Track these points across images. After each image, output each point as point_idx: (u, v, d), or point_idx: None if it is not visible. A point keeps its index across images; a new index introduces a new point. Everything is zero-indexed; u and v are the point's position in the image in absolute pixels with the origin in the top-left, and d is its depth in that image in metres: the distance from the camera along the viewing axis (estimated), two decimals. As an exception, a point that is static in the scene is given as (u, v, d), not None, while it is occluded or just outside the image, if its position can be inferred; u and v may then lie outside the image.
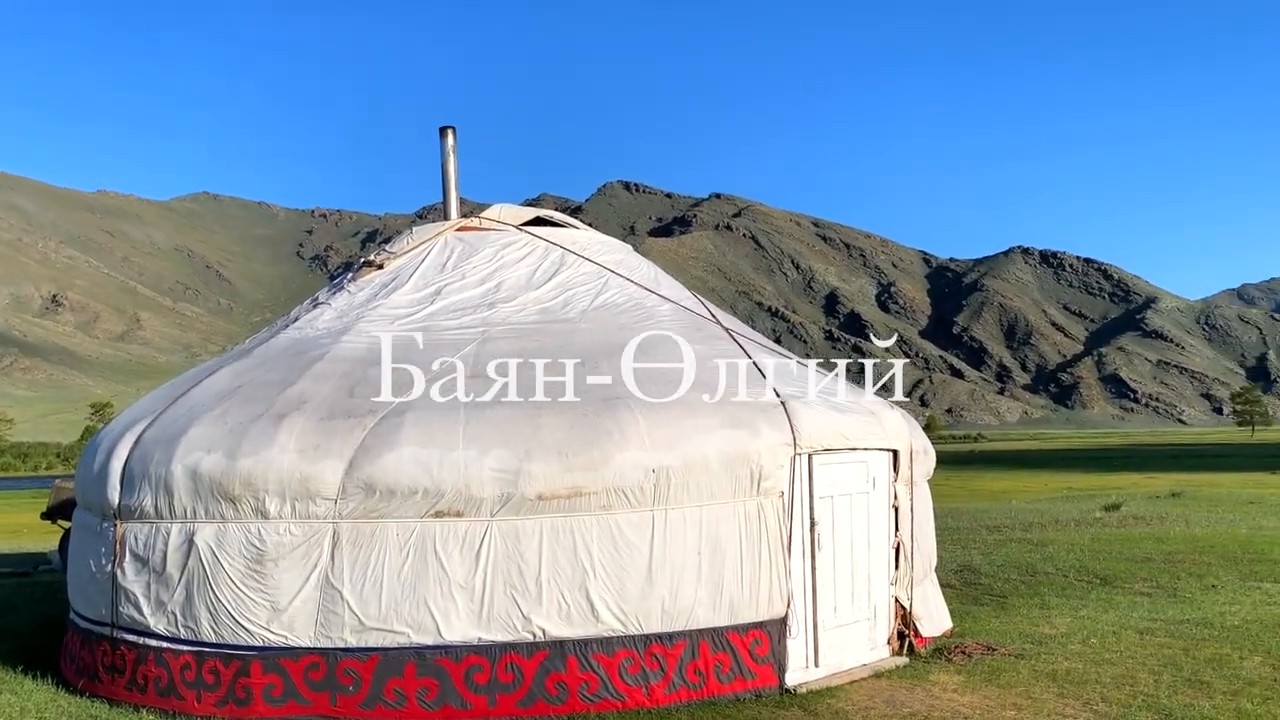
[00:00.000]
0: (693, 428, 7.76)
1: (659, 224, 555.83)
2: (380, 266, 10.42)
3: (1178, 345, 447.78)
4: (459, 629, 7.28)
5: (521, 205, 11.65)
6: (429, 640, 7.28)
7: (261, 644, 7.40)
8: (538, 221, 11.14)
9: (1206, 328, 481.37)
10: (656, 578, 7.51)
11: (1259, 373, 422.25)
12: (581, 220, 12.29)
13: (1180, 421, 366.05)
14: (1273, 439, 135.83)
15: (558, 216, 11.47)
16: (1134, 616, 10.62)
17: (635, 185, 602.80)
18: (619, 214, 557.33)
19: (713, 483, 7.72)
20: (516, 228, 10.81)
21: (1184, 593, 12.12)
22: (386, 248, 10.87)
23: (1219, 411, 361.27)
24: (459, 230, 10.78)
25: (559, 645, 7.33)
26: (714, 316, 10.14)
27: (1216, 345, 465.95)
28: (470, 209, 11.76)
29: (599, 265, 10.34)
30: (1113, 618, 10.57)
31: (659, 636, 7.51)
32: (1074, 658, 8.75)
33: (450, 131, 11.37)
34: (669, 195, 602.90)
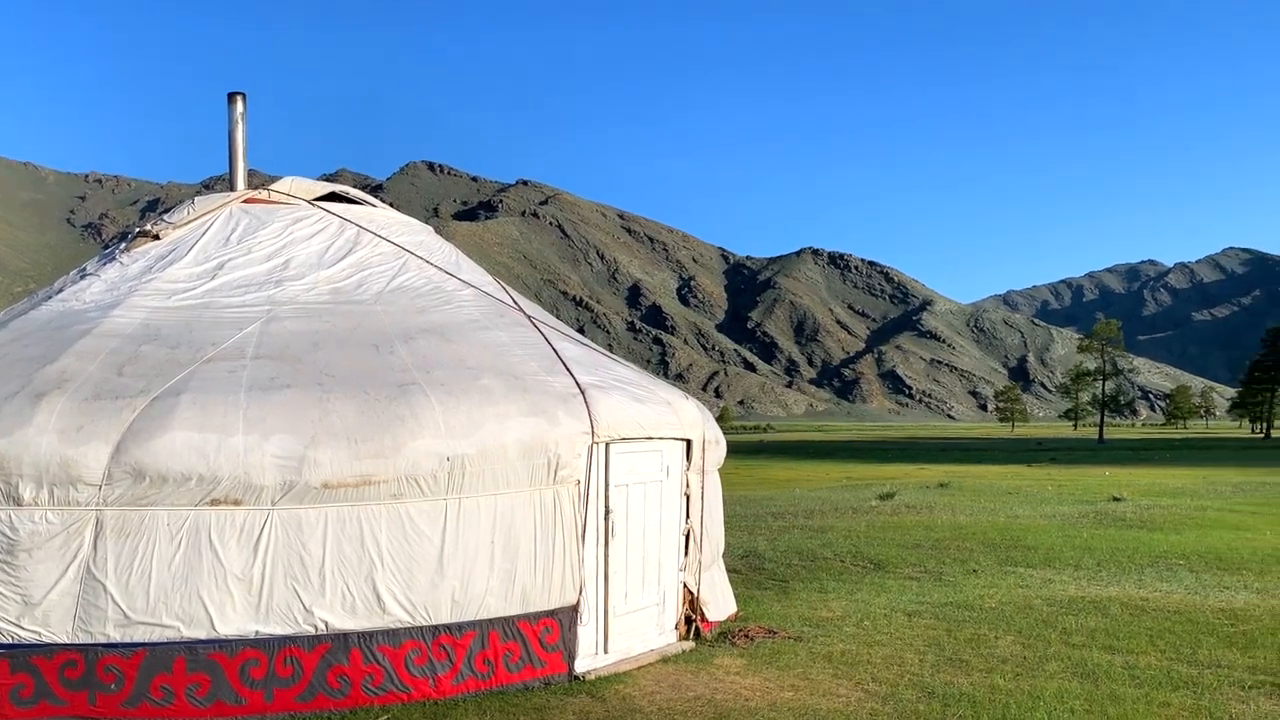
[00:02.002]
0: (490, 415, 7.66)
1: (464, 208, 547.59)
2: (157, 237, 9.74)
3: (949, 345, 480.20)
4: (235, 622, 6.91)
5: (318, 180, 11.18)
6: (201, 634, 6.87)
7: (10, 641, 6.78)
8: (332, 197, 10.72)
9: (975, 330, 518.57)
10: (448, 568, 7.37)
11: (1020, 373, 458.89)
12: (382, 200, 11.91)
13: (950, 417, 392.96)
14: (1030, 434, 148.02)
15: (354, 193, 11.07)
16: (903, 600, 11.29)
17: (440, 167, 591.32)
18: (422, 195, 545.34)
19: (509, 471, 7.65)
20: (309, 202, 10.35)
21: (948, 577, 12.99)
22: (165, 218, 10.17)
23: (984, 408, 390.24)
24: (246, 202, 10.22)
25: (342, 638, 7.08)
26: (516, 303, 10.05)
27: (983, 346, 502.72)
28: (262, 181, 11.17)
29: (397, 246, 10.05)
30: (884, 601, 11.20)
31: (448, 627, 7.39)
32: (848, 640, 9.21)
33: (239, 97, 10.76)
34: (475, 179, 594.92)
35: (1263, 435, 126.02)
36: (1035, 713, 6.98)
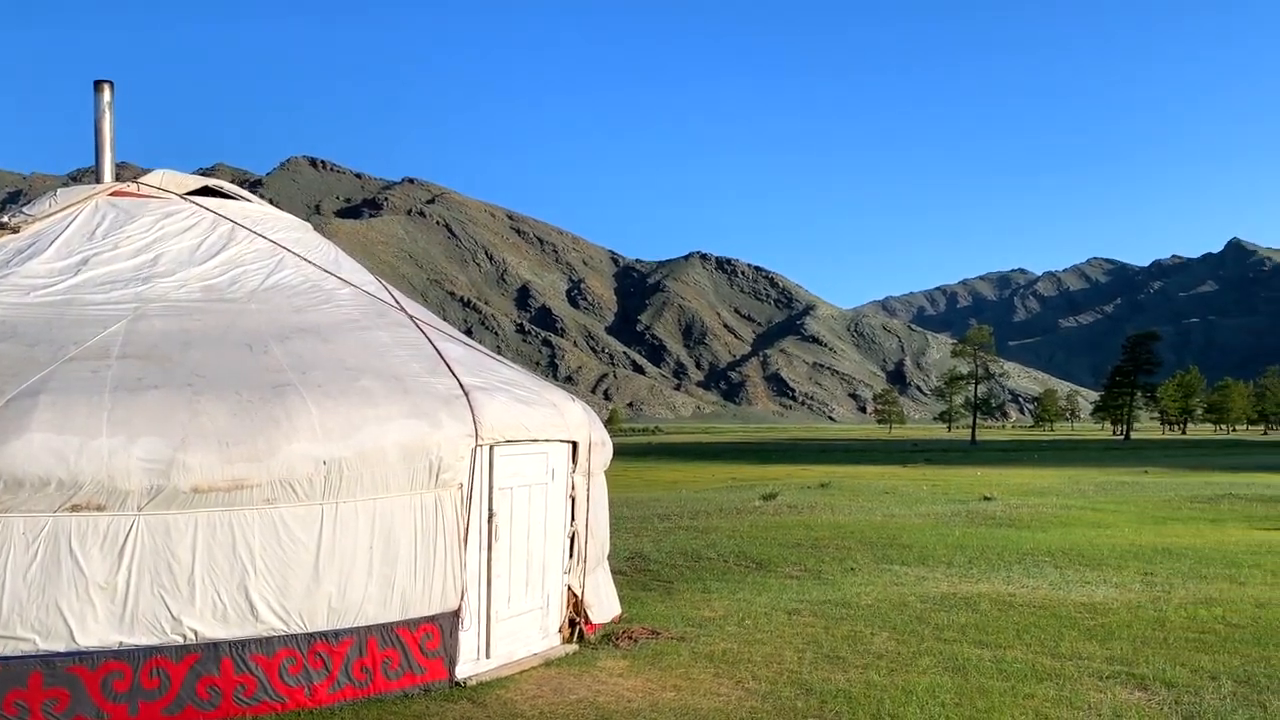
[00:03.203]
0: (370, 417, 7.50)
1: (347, 205, 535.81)
2: (15, 230, 9.24)
3: (831, 350, 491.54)
4: (96, 633, 6.60)
5: (193, 174, 10.78)
6: (60, 647, 6.54)
7: None
8: (206, 192, 10.35)
9: (855, 335, 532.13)
10: (324, 574, 7.19)
11: (897, 376, 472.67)
12: (262, 196, 11.58)
13: (831, 419, 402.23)
14: (906, 436, 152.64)
15: (229, 188, 10.71)
16: (784, 598, 11.49)
17: (323, 163, 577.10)
18: (304, 192, 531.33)
19: (389, 475, 7.50)
20: (181, 196, 9.97)
21: (827, 575, 13.29)
22: (25, 211, 9.67)
23: (863, 410, 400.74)
24: (113, 195, 9.79)
25: (213, 647, 6.84)
26: (398, 303, 9.86)
27: (863, 351, 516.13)
28: (133, 174, 10.72)
29: (273, 243, 9.76)
30: (765, 600, 11.39)
31: (324, 634, 7.21)
32: (730, 639, 9.33)
33: (106, 86, 10.30)
34: (359, 176, 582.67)
35: (1123, 437, 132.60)
36: (908, 707, 7.18)
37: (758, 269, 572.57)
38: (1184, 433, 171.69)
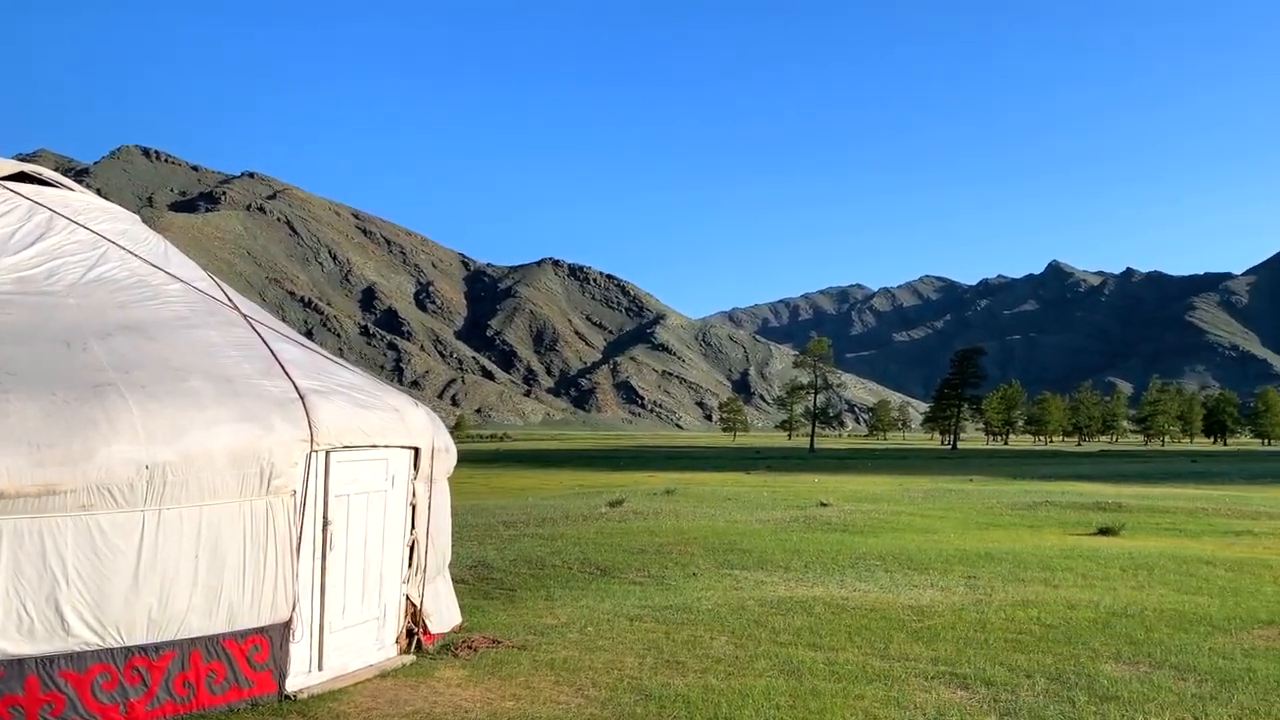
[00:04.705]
0: (197, 420, 7.14)
1: (182, 198, 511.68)
2: None
3: (679, 358, 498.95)
4: (-119, 653, 6.06)
5: (9, 160, 10.04)
6: None
7: None
8: (22, 178, 9.67)
9: (703, 344, 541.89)
10: (144, 585, 6.80)
11: (742, 386, 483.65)
12: (90, 186, 10.95)
13: (678, 426, 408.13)
14: (750, 443, 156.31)
15: (50, 175, 10.04)
16: (627, 604, 11.55)
17: (157, 153, 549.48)
18: (135, 183, 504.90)
19: (217, 481, 7.16)
20: (-7, 182, 9.28)
21: (670, 580, 13.44)
22: None
23: (709, 418, 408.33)
24: (-87, 177, 9.04)
25: (17, 664, 6.36)
26: (231, 301, 9.45)
27: (710, 360, 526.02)
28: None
29: (97, 234, 9.19)
30: (608, 606, 11.42)
31: (144, 648, 6.82)
32: (572, 646, 9.30)
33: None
34: (196, 168, 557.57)
35: (950, 447, 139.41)
36: (744, 710, 7.32)
37: (610, 277, 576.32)
38: (1006, 443, 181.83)
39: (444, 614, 9.75)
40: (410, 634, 8.98)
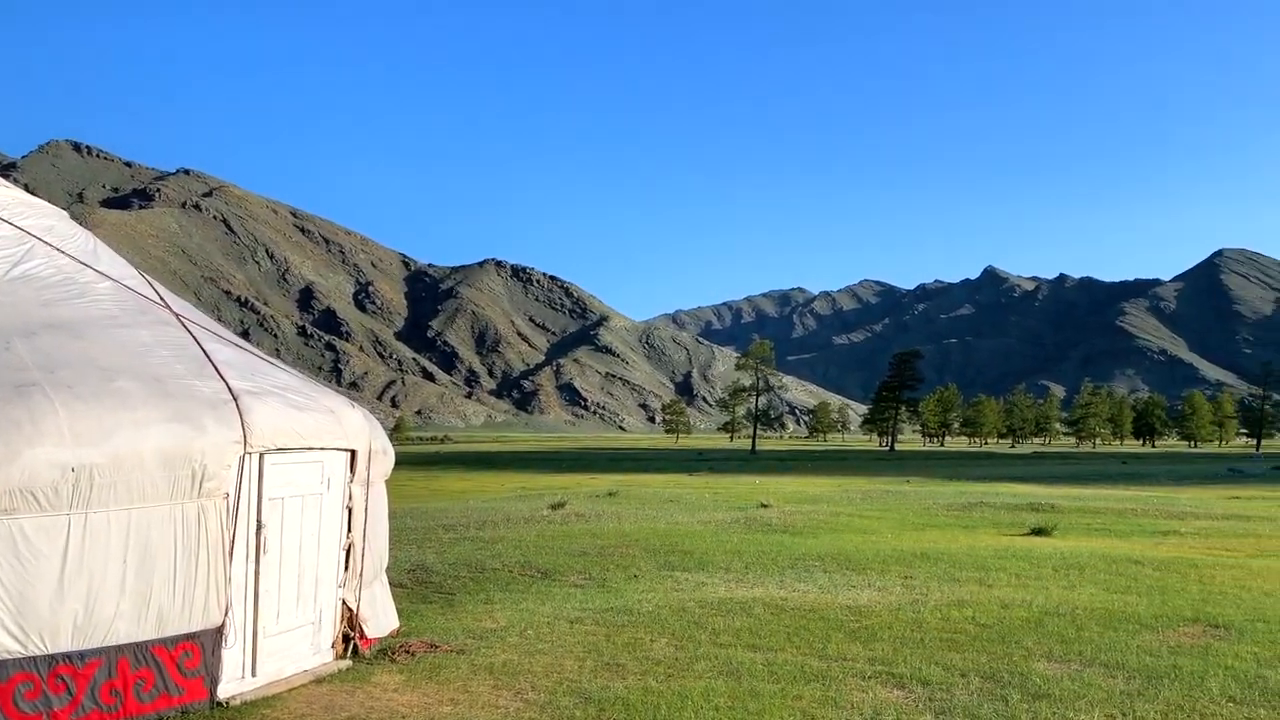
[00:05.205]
0: (126, 421, 6.97)
1: (115, 195, 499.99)
2: None
3: (623, 360, 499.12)
4: None
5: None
6: None
7: None
8: (-57, 171, 9.37)
9: (646, 346, 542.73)
10: (69, 590, 6.62)
11: (685, 388, 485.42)
12: (17, 180, 10.66)
13: (622, 428, 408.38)
14: (692, 445, 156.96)
15: (-29, 168, 9.74)
16: (567, 607, 11.51)
17: (88, 148, 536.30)
18: (65, 178, 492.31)
19: (147, 483, 6.99)
20: (-89, 175, 8.97)
21: (611, 583, 13.42)
22: None
23: (653, 420, 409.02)
24: None
25: (-67, 675, 6.16)
26: (163, 300, 9.24)
27: (654, 362, 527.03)
28: None
29: (21, 230, 8.93)
30: (549, 609, 11.36)
31: (68, 656, 6.63)
32: (511, 650, 9.24)
33: None
34: (129, 164, 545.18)
35: (888, 448, 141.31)
36: (683, 712, 7.33)
37: (553, 278, 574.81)
38: (942, 445, 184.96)
39: (381, 619, 9.62)
40: (347, 639, 8.85)
